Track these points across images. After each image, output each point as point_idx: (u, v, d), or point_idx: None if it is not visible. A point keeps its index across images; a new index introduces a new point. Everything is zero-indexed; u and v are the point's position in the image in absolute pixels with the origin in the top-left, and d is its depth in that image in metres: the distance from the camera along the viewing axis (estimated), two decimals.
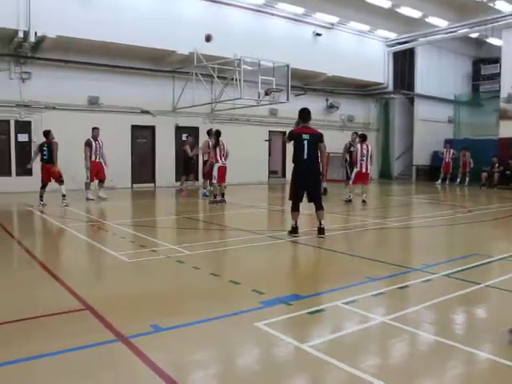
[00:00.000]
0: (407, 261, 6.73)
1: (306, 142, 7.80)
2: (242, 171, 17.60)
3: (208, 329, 3.84)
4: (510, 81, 20.36)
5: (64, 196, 12.03)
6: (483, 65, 26.21)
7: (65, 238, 8.17)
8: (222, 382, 3.06)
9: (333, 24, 21.48)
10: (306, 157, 7.82)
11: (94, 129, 13.90)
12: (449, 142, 22.43)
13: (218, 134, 12.81)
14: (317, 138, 7.88)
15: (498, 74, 22.61)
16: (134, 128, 18.01)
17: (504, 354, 3.34)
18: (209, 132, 13.91)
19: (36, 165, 12.69)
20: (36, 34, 14.51)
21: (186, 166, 15.92)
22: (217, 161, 12.72)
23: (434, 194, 17.67)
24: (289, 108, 19.18)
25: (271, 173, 21.93)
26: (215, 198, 12.71)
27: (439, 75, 25.57)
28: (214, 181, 12.73)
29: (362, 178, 13.05)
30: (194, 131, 19.30)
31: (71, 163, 16.07)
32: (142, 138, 18.53)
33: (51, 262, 6.17)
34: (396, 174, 25.28)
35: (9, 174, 15.76)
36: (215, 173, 12.61)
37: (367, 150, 13.02)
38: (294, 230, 8.08)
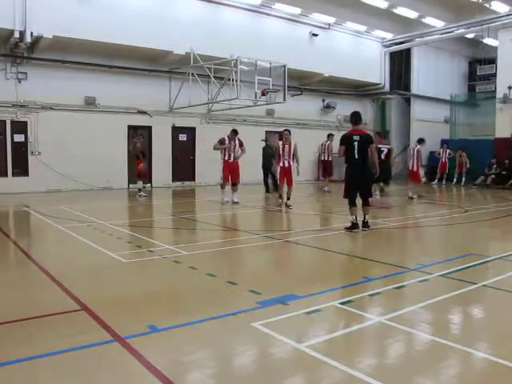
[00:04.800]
0: (403, 261, 6.74)
1: (356, 144, 8.24)
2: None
3: (205, 329, 3.84)
4: (506, 81, 20.43)
5: (139, 190, 14.50)
6: (479, 65, 26.27)
7: (61, 238, 8.15)
8: (218, 382, 3.06)
9: (329, 24, 21.49)
10: (356, 157, 8.27)
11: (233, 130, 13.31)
12: (445, 142, 22.48)
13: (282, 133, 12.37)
14: (367, 139, 8.35)
15: (494, 75, 22.68)
16: (131, 128, 17.98)
17: (500, 354, 3.35)
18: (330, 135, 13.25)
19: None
20: (32, 34, 14.46)
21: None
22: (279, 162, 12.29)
23: (431, 194, 17.69)
24: (285, 108, 19.23)
25: None
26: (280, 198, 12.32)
27: (435, 75, 25.62)
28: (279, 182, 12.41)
29: (414, 176, 14.26)
30: (190, 131, 19.31)
31: (68, 163, 16.11)
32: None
33: (47, 262, 6.15)
34: (393, 174, 25.30)
35: (5, 174, 15.71)
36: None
37: (417, 151, 14.31)
38: (354, 226, 8.33)
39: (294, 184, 12.06)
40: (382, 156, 12.60)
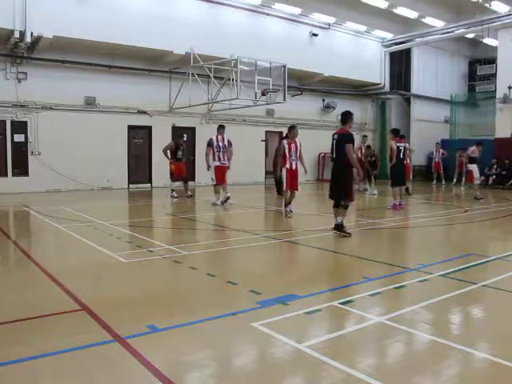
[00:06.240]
0: (403, 261, 6.75)
1: (334, 142, 8.15)
2: (239, 172, 17.56)
3: (205, 329, 3.84)
4: (506, 81, 20.44)
5: (172, 190, 14.55)
6: (479, 65, 26.29)
7: (61, 238, 8.15)
8: (218, 382, 3.06)
9: (329, 24, 21.50)
10: (333, 155, 8.20)
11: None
12: (438, 143, 22.49)
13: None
14: (343, 138, 8.07)
15: (494, 75, 22.70)
16: (131, 128, 17.98)
17: (501, 354, 3.35)
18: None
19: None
20: (32, 34, 14.45)
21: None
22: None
23: (430, 194, 17.71)
24: (285, 108, 19.23)
25: (268, 173, 21.91)
26: (286, 206, 10.70)
27: (435, 75, 25.64)
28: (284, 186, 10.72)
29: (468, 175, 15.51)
30: (190, 131, 19.30)
31: (68, 163, 16.12)
32: (139, 139, 18.50)
33: (47, 262, 6.15)
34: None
35: (5, 174, 15.71)
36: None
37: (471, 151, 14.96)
38: (336, 227, 8.16)
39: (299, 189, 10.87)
40: (401, 155, 12.06)
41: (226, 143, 12.57)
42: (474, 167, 14.78)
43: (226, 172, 12.65)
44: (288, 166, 10.44)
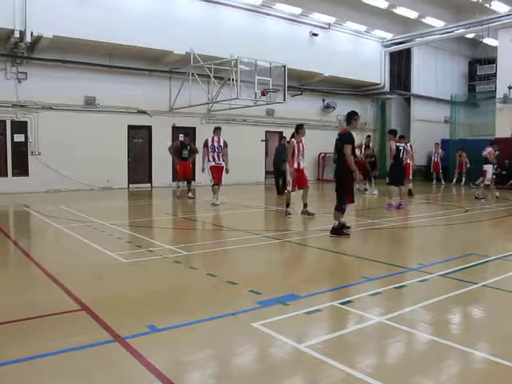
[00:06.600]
0: (403, 261, 6.74)
1: (336, 143, 8.03)
2: (239, 171, 17.56)
3: (205, 329, 3.84)
4: (506, 81, 20.44)
5: (178, 187, 14.96)
6: (479, 65, 26.30)
7: (61, 238, 8.15)
8: (218, 382, 3.06)
9: (329, 24, 21.50)
10: (335, 157, 8.10)
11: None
12: (437, 143, 22.50)
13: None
14: (341, 138, 7.95)
15: (494, 75, 22.71)
16: (131, 128, 17.98)
17: (500, 354, 3.35)
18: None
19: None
20: (32, 33, 14.45)
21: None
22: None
23: (430, 194, 17.70)
24: (285, 108, 19.24)
25: (268, 173, 21.91)
26: (288, 206, 10.55)
27: (435, 75, 25.65)
28: (289, 187, 10.43)
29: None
30: (190, 131, 19.30)
31: (68, 163, 16.12)
32: (139, 138, 18.50)
33: (47, 262, 6.15)
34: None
35: (5, 174, 15.71)
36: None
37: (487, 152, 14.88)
38: (334, 231, 8.06)
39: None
40: (401, 155, 12.11)
41: (221, 144, 12.64)
42: (488, 167, 14.72)
43: (222, 172, 12.71)
44: (296, 165, 10.28)
